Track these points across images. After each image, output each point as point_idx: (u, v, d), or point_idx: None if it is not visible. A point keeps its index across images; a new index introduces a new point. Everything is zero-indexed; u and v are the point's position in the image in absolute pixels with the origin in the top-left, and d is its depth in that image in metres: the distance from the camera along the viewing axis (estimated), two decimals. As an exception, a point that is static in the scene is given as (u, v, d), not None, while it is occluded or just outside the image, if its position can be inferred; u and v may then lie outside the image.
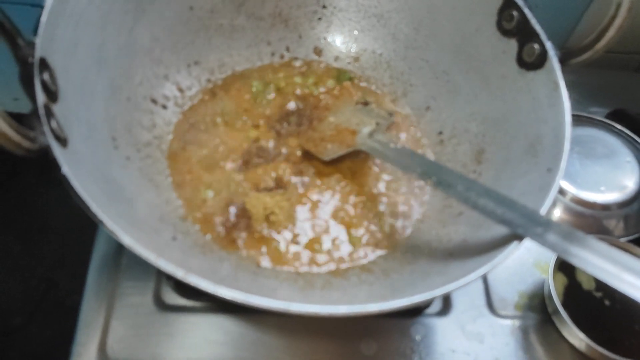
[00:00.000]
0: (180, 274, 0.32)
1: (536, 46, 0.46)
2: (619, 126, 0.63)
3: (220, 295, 0.31)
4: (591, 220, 0.57)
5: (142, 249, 0.32)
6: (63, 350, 0.46)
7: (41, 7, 0.70)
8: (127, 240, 0.32)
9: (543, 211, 0.38)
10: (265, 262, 0.44)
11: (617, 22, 0.42)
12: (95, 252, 0.50)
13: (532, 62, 0.47)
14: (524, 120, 0.46)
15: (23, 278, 0.76)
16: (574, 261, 0.34)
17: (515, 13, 0.48)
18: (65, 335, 0.47)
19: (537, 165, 0.42)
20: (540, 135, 0.44)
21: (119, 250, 0.50)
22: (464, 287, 0.34)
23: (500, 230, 0.39)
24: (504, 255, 0.36)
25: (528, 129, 0.45)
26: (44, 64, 0.37)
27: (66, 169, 0.33)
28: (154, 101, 0.51)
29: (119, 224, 0.33)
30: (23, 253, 0.78)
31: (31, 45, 0.36)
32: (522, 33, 0.48)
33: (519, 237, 0.37)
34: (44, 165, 0.35)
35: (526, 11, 0.47)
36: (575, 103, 0.68)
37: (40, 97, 0.35)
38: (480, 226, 0.42)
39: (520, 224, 0.37)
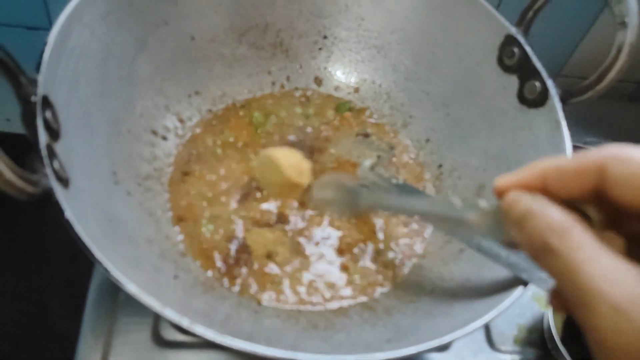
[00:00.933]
0: (185, 323, 0.31)
1: (537, 84, 0.47)
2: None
3: (227, 346, 0.31)
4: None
5: (146, 297, 0.31)
6: None
7: (37, 29, 0.70)
8: (131, 288, 0.32)
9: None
10: (267, 300, 0.44)
11: (618, 64, 0.43)
12: (92, 285, 0.49)
13: (533, 100, 0.47)
14: (525, 156, 0.47)
15: (14, 303, 0.75)
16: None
17: (516, 50, 0.48)
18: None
19: (540, 205, 0.43)
20: (542, 174, 0.44)
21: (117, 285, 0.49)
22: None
23: (504, 271, 0.39)
24: (510, 301, 0.36)
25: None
26: (46, 102, 0.36)
27: (69, 214, 0.32)
28: (155, 132, 0.50)
29: (121, 269, 0.32)
30: (14, 278, 0.77)
31: (33, 83, 0.36)
32: (523, 70, 0.48)
33: (524, 282, 0.37)
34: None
35: (527, 48, 0.48)
36: (571, 133, 0.69)
37: (43, 138, 0.35)
38: (484, 266, 0.42)
39: (525, 269, 0.37)
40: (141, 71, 0.49)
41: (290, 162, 0.39)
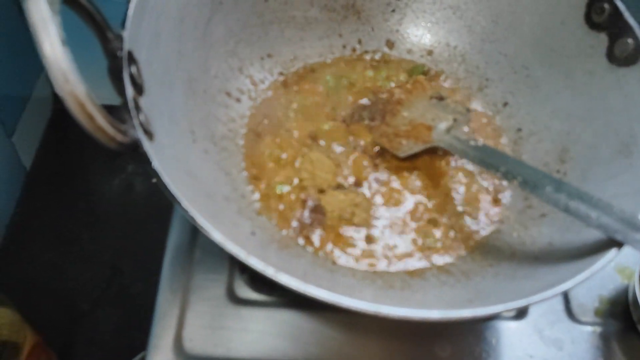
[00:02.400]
0: (270, 271, 0.31)
1: (630, 41, 0.44)
2: None
3: (311, 295, 0.31)
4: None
5: (232, 245, 0.32)
6: (129, 335, 0.47)
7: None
8: (217, 236, 0.32)
9: (642, 215, 0.36)
10: (342, 260, 0.44)
11: None
12: (169, 245, 0.50)
13: (624, 58, 0.44)
14: (614, 118, 0.44)
15: (89, 265, 0.78)
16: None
17: (606, 5, 0.45)
18: (130, 322, 0.48)
19: (632, 166, 0.40)
20: (635, 135, 0.42)
21: (193, 242, 0.50)
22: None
23: (592, 234, 0.37)
24: (603, 262, 0.34)
25: (620, 128, 0.43)
26: (131, 58, 0.37)
27: (157, 164, 0.33)
28: (229, 94, 0.50)
29: (207, 220, 0.33)
30: (89, 240, 0.80)
31: (119, 38, 0.36)
32: (614, 27, 0.45)
33: (618, 244, 0.35)
34: (108, 154, 0.35)
35: (619, 3, 0.45)
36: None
37: (130, 91, 0.35)
38: (568, 229, 0.40)
39: (618, 229, 0.35)
40: (216, 32, 0.49)
41: None
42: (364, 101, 0.53)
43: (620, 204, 0.37)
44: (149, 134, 0.36)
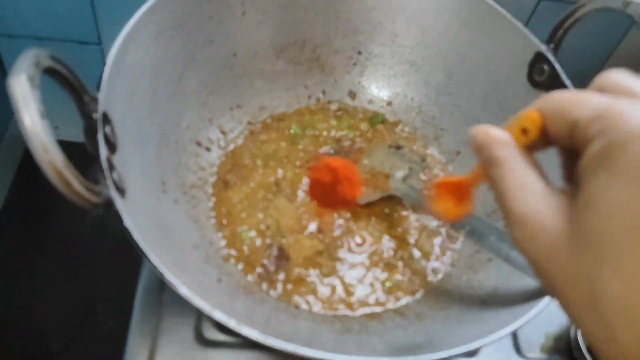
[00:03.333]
0: (232, 324, 0.34)
1: (566, 101, 0.48)
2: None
3: (270, 346, 0.34)
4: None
5: (198, 299, 0.34)
6: None
7: (87, 44, 0.74)
8: (184, 291, 0.34)
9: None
10: (304, 305, 0.46)
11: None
12: (140, 288, 0.52)
13: (562, 116, 0.48)
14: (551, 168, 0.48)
15: (62, 302, 0.79)
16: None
17: (546, 67, 0.50)
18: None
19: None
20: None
21: (162, 286, 0.52)
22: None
23: (531, 281, 0.41)
24: (536, 311, 0.37)
25: (556, 180, 0.47)
26: (105, 118, 0.39)
27: (128, 222, 0.36)
28: (199, 144, 0.53)
29: (173, 272, 0.35)
30: (62, 278, 0.81)
31: (95, 100, 0.39)
32: (553, 87, 0.49)
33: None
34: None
35: (557, 66, 0.49)
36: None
37: (104, 151, 0.38)
38: (511, 275, 0.44)
39: (552, 279, 0.39)
40: (188, 86, 0.52)
41: None
42: (328, 150, 0.57)
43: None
44: (121, 190, 0.38)
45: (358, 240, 0.51)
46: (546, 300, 0.38)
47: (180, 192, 0.49)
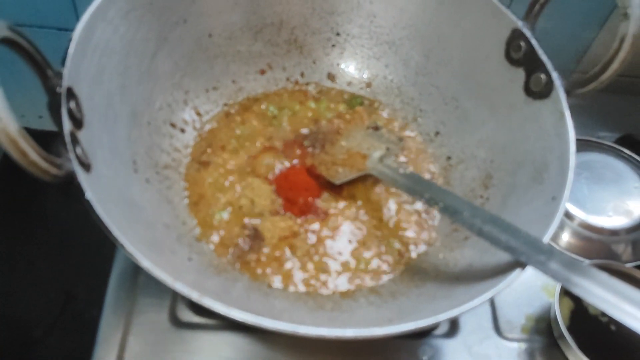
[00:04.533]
0: (195, 296, 0.33)
1: (543, 76, 0.48)
2: (627, 151, 0.64)
3: (232, 317, 0.33)
4: (599, 245, 0.57)
5: (159, 272, 0.34)
6: None
7: (67, 30, 0.73)
8: (145, 263, 0.34)
9: (546, 239, 0.39)
10: (277, 282, 0.46)
11: (621, 55, 0.44)
12: (114, 270, 0.52)
13: (538, 92, 0.48)
14: (530, 147, 0.48)
15: (43, 291, 0.79)
16: (576, 290, 0.35)
17: (522, 43, 0.49)
18: (83, 348, 0.49)
19: (543, 192, 0.44)
20: (547, 163, 0.45)
21: (137, 268, 0.51)
22: (470, 310, 0.35)
23: (505, 256, 0.40)
24: (507, 282, 0.37)
25: (535, 157, 0.47)
26: (70, 93, 0.39)
27: (90, 195, 0.35)
28: (173, 125, 0.53)
29: (138, 248, 0.35)
30: (44, 266, 0.80)
31: (59, 75, 0.39)
32: (529, 63, 0.49)
33: (522, 265, 0.38)
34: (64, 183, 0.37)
35: (533, 42, 0.49)
36: (584, 127, 0.69)
37: (67, 125, 0.37)
38: (486, 251, 0.43)
39: (523, 252, 0.38)
40: (161, 67, 0.51)
41: None
42: (305, 130, 0.56)
43: (531, 228, 0.40)
44: (85, 165, 0.38)
45: (334, 219, 0.51)
46: (517, 272, 0.37)
47: (152, 172, 0.48)
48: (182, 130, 0.53)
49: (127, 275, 0.51)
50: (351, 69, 0.61)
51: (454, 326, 0.52)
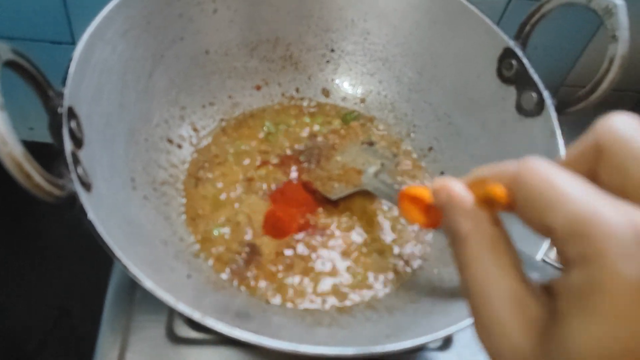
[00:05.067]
0: (197, 316, 0.34)
1: (534, 94, 0.49)
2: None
3: (235, 337, 0.33)
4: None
5: (162, 292, 0.34)
6: None
7: (60, 44, 0.73)
8: (148, 284, 0.34)
9: (539, 256, 0.40)
10: (275, 299, 0.46)
11: (610, 76, 0.45)
12: (111, 285, 0.52)
13: (530, 110, 0.49)
14: (522, 164, 0.49)
15: (36, 305, 0.78)
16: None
17: (514, 62, 0.51)
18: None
19: (535, 209, 0.45)
20: (538, 181, 0.46)
21: (134, 284, 0.52)
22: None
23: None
24: (502, 299, 0.38)
25: (526, 174, 0.48)
26: (71, 113, 0.39)
27: (92, 216, 0.35)
28: (170, 141, 0.53)
29: (139, 267, 0.35)
30: (36, 280, 0.80)
31: (60, 95, 0.39)
32: (521, 81, 0.50)
33: (517, 282, 0.39)
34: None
35: (525, 61, 0.50)
36: (573, 142, 0.70)
37: (68, 146, 0.38)
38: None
39: (518, 269, 0.39)
40: (158, 84, 0.52)
41: None
42: (300, 147, 0.57)
43: (524, 245, 0.41)
44: (86, 185, 0.38)
45: (330, 234, 0.51)
46: (511, 289, 0.38)
47: (150, 188, 0.49)
48: (179, 146, 0.54)
49: (124, 291, 0.51)
50: (345, 85, 0.62)
51: (447, 339, 0.53)
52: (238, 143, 0.56)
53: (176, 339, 0.50)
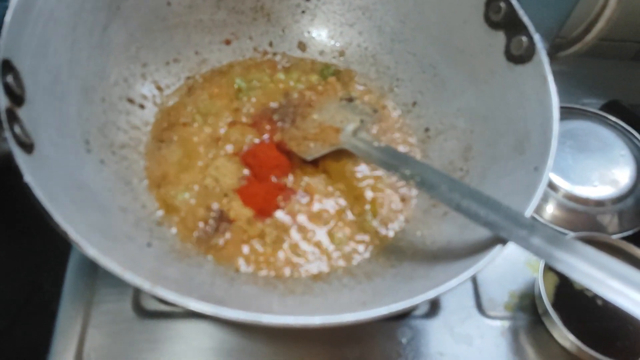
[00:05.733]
0: (146, 286, 0.30)
1: (524, 39, 0.45)
2: (613, 118, 0.61)
3: (190, 308, 0.30)
4: (584, 217, 0.55)
5: (107, 260, 0.31)
6: (47, 354, 0.45)
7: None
8: (91, 252, 0.31)
9: (528, 213, 0.36)
10: (245, 266, 0.43)
11: (607, 13, 0.41)
12: (72, 258, 0.49)
13: (520, 56, 0.45)
14: (512, 116, 0.45)
15: (6, 281, 0.75)
16: (559, 266, 0.33)
17: (502, 4, 0.46)
18: (49, 339, 0.46)
19: (524, 163, 0.41)
20: (528, 132, 0.42)
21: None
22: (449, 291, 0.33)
23: (486, 232, 0.37)
24: (487, 260, 0.34)
25: (516, 126, 0.44)
26: (7, 66, 0.35)
27: (29, 178, 0.32)
28: (131, 101, 0.49)
29: (84, 234, 0.32)
30: (6, 256, 0.77)
31: (-7, 47, 0.35)
32: (510, 25, 0.46)
33: (503, 241, 0.35)
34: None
35: (513, 2, 0.46)
36: (568, 94, 0.66)
37: (3, 102, 0.34)
38: (466, 227, 0.41)
39: (504, 227, 0.35)
40: (115, 38, 0.48)
41: None
42: (274, 105, 0.53)
43: (513, 201, 0.37)
44: (26, 146, 0.34)
45: (307, 198, 0.48)
46: (497, 248, 0.35)
47: (108, 152, 0.45)
48: (141, 106, 0.50)
49: (86, 263, 0.48)
50: (323, 37, 0.57)
51: (434, 306, 0.50)
52: (206, 102, 0.52)
53: (143, 313, 0.47)
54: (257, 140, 0.50)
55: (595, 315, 0.48)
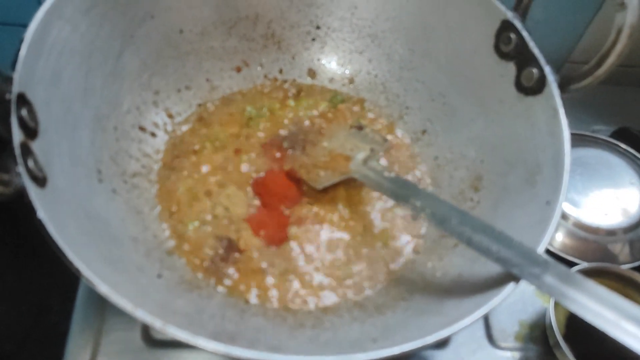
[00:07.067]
0: (158, 324, 0.30)
1: (535, 71, 0.45)
2: (623, 146, 0.61)
3: (200, 347, 0.30)
4: (595, 246, 0.55)
5: (119, 297, 0.31)
6: None
7: (25, 26, 0.69)
8: (103, 289, 0.31)
9: (541, 249, 0.36)
10: (254, 298, 0.43)
11: (618, 48, 0.41)
12: (82, 287, 0.49)
13: (530, 87, 0.45)
14: (522, 147, 0.45)
15: (14, 303, 0.75)
16: (572, 306, 0.32)
17: (513, 36, 0.46)
18: (58, 360, 0.46)
19: (536, 196, 0.41)
20: (540, 164, 0.42)
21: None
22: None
23: (496, 266, 0.37)
24: (500, 298, 0.34)
25: (527, 157, 0.44)
26: (22, 100, 0.36)
27: (42, 214, 0.32)
28: (143, 129, 0.49)
29: (96, 270, 0.32)
30: (13, 278, 0.77)
31: (8, 80, 0.35)
32: (521, 57, 0.46)
33: (516, 279, 0.35)
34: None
35: (524, 34, 0.46)
36: (578, 121, 0.66)
37: (17, 136, 0.34)
38: (476, 260, 0.41)
39: (517, 264, 0.35)
40: (128, 67, 0.48)
41: None
42: (284, 132, 0.53)
43: (525, 235, 0.37)
44: (39, 180, 0.34)
45: (316, 227, 0.48)
46: (510, 286, 0.35)
47: (120, 180, 0.45)
48: (153, 134, 0.50)
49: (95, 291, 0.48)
50: (333, 65, 0.58)
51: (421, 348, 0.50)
52: (217, 130, 0.52)
53: (153, 342, 0.47)
54: (267, 168, 0.50)
55: (607, 349, 0.47)
